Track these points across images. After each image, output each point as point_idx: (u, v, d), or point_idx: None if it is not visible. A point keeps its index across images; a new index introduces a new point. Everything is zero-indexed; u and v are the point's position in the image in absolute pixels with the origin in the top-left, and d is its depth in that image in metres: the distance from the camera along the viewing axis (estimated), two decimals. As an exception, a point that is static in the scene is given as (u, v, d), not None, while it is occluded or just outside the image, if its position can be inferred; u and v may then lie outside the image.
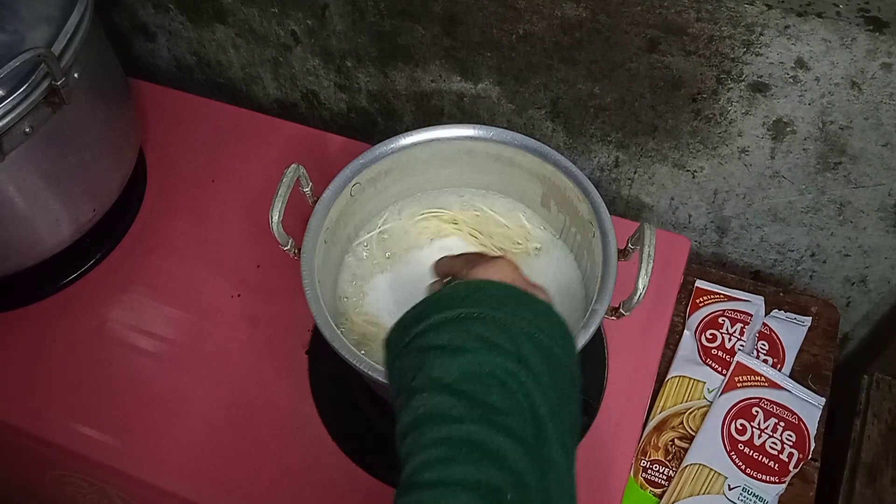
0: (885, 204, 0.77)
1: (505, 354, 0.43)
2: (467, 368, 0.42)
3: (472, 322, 0.44)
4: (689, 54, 0.72)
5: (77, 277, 0.83)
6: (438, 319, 0.45)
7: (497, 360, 0.42)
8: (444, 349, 0.43)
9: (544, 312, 0.47)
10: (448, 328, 0.44)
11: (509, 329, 0.44)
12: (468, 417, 0.40)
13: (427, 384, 0.42)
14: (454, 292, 0.47)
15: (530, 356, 0.43)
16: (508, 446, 0.40)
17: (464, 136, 0.70)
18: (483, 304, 0.45)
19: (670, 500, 0.74)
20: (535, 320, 0.45)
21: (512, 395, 0.41)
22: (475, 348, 0.43)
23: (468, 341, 0.43)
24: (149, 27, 1.03)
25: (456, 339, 0.43)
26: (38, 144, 0.69)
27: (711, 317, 0.85)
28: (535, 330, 0.44)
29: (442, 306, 0.46)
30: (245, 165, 0.90)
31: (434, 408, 0.41)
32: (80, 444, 0.73)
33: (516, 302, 0.46)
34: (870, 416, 0.83)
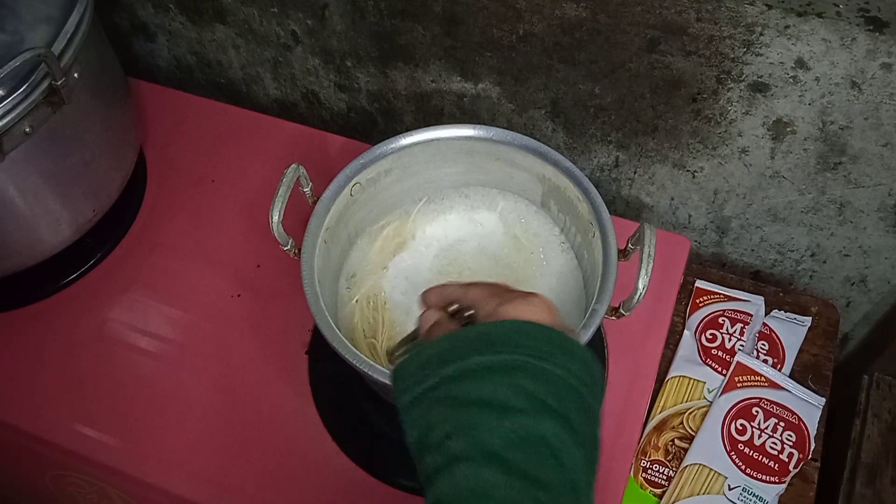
0: (885, 204, 0.78)
1: (553, 417, 0.38)
2: (517, 434, 0.37)
3: (517, 373, 0.39)
4: (689, 54, 0.72)
5: (77, 277, 0.83)
6: (475, 365, 0.40)
7: (546, 425, 0.38)
8: (488, 406, 0.38)
9: (587, 362, 0.42)
10: (490, 378, 0.39)
11: (555, 383, 0.40)
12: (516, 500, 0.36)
13: (472, 451, 0.37)
14: (492, 332, 0.42)
15: (575, 418, 0.39)
16: None
17: (464, 136, 0.70)
18: (526, 349, 0.40)
19: (670, 500, 0.74)
20: (580, 372, 0.41)
21: (561, 467, 0.38)
22: (524, 408, 0.38)
23: (515, 398, 0.38)
24: (149, 27, 1.03)
25: (500, 393, 0.38)
26: (38, 144, 0.69)
27: (711, 317, 0.85)
28: (579, 384, 0.41)
29: (479, 347, 0.41)
30: (245, 165, 0.90)
31: (480, 484, 0.37)
32: (80, 444, 0.73)
33: (561, 349, 0.41)
34: (870, 416, 0.83)
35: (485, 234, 0.74)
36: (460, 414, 0.39)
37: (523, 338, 0.41)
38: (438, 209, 0.75)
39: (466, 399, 0.39)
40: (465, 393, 0.39)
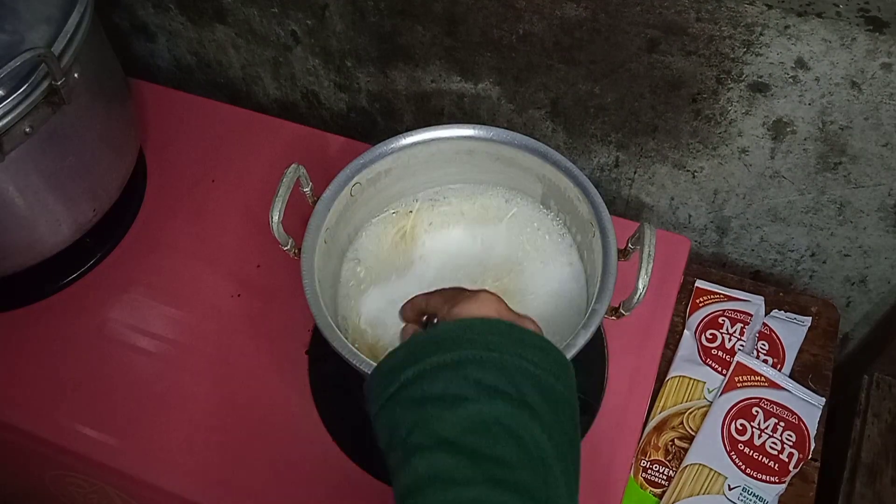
0: (885, 204, 0.78)
1: (507, 399, 0.40)
2: (469, 420, 0.39)
3: (467, 366, 0.41)
4: (689, 54, 0.72)
5: (77, 277, 0.83)
6: (429, 365, 0.42)
7: (499, 407, 0.40)
8: (441, 400, 0.40)
9: (542, 348, 0.44)
10: (442, 375, 0.41)
11: (507, 370, 0.41)
12: (473, 478, 0.38)
13: (426, 440, 0.39)
14: (442, 333, 0.44)
15: (533, 398, 0.41)
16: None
17: (464, 136, 0.70)
18: (475, 344, 0.42)
19: (670, 500, 0.74)
20: (534, 357, 0.43)
21: (519, 443, 0.39)
22: (475, 396, 0.40)
23: (466, 389, 0.40)
24: (149, 27, 1.03)
25: (452, 386, 0.40)
26: (38, 144, 0.69)
27: (711, 317, 0.85)
28: (534, 367, 0.42)
29: (430, 350, 0.43)
30: (245, 165, 0.90)
31: (436, 469, 0.38)
32: (80, 444, 0.73)
33: (510, 339, 0.43)
34: (870, 416, 0.83)
35: (485, 234, 0.74)
36: (417, 411, 0.41)
37: (472, 333, 0.43)
38: (438, 210, 0.75)
39: (422, 397, 0.41)
40: (422, 392, 0.41)
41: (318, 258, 0.65)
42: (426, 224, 0.74)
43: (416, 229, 0.74)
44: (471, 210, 0.75)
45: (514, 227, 0.74)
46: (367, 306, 0.70)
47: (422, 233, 0.74)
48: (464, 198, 0.76)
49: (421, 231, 0.74)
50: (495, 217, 0.75)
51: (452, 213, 0.75)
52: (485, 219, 0.75)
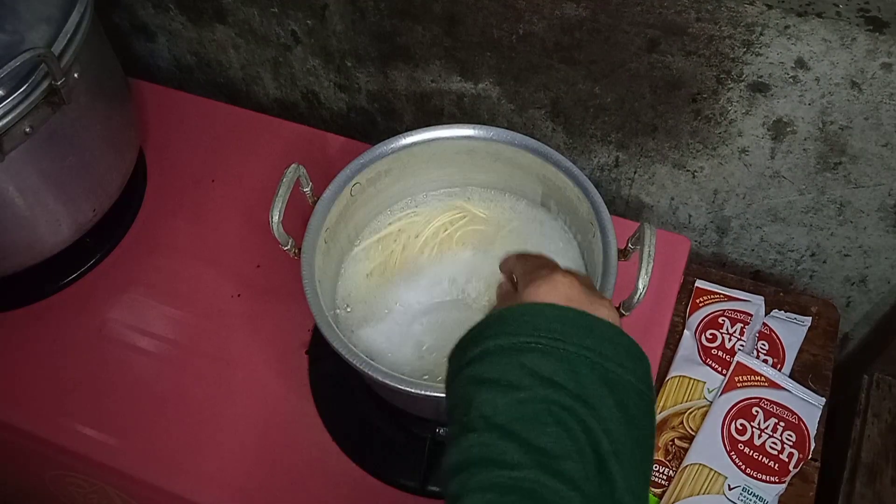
0: (885, 204, 0.77)
1: (561, 390, 0.40)
2: (519, 408, 0.40)
3: (526, 353, 0.41)
4: (689, 54, 0.72)
5: (77, 277, 0.83)
6: (493, 346, 0.42)
7: (551, 397, 0.40)
8: (496, 384, 0.41)
9: (610, 338, 0.43)
10: (502, 359, 0.42)
11: (567, 360, 0.41)
12: (520, 463, 0.38)
13: (478, 423, 0.40)
14: (510, 315, 0.44)
15: (590, 388, 0.40)
16: (562, 493, 0.37)
17: (464, 136, 0.70)
18: (539, 331, 0.42)
19: (670, 500, 0.74)
20: (599, 347, 0.42)
21: (569, 434, 0.39)
22: (528, 385, 0.40)
23: (521, 377, 0.40)
24: (149, 27, 1.03)
25: (508, 373, 0.41)
26: (38, 144, 0.69)
27: (711, 317, 0.85)
28: (599, 357, 0.41)
29: (495, 331, 0.43)
30: (245, 165, 0.90)
31: (484, 450, 0.39)
32: (80, 444, 0.73)
33: (577, 328, 0.43)
34: (870, 416, 0.83)
35: (485, 235, 0.74)
36: (475, 391, 0.41)
37: (538, 320, 0.43)
38: (438, 209, 0.75)
39: (481, 378, 0.42)
40: (481, 373, 0.42)
41: (318, 258, 0.65)
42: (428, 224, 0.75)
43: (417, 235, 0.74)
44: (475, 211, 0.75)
45: (515, 230, 0.74)
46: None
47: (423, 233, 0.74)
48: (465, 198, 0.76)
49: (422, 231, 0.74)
50: (497, 222, 0.75)
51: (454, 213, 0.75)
52: (489, 220, 0.75)
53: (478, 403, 0.41)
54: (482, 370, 0.42)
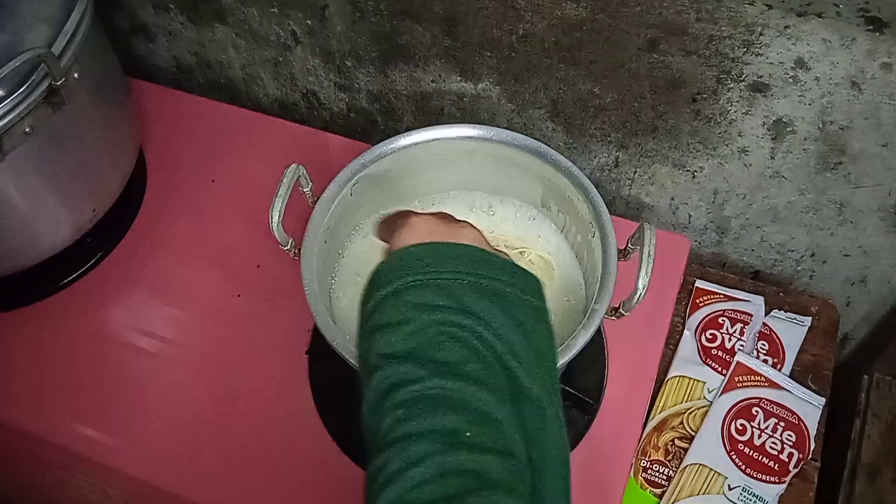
0: (885, 204, 0.77)
1: (445, 311, 0.42)
2: (411, 337, 0.42)
3: (406, 292, 0.44)
4: (689, 54, 0.72)
5: (77, 277, 0.83)
6: (378, 298, 0.45)
7: (438, 318, 0.42)
8: (387, 326, 0.43)
9: (480, 258, 0.46)
10: (387, 305, 0.44)
11: (445, 287, 0.43)
12: (421, 377, 0.41)
13: (378, 361, 0.43)
14: (384, 267, 0.47)
15: (474, 303, 0.43)
16: (466, 389, 0.40)
17: (464, 136, 0.70)
18: (412, 269, 0.45)
19: (670, 500, 0.74)
20: (472, 269, 0.45)
21: (463, 344, 0.42)
22: (414, 317, 0.43)
23: (407, 312, 0.43)
24: (149, 27, 1.03)
25: (395, 313, 0.43)
26: (38, 144, 0.69)
27: (711, 317, 0.85)
28: (475, 277, 0.44)
29: (378, 284, 0.46)
30: (245, 165, 0.90)
31: (387, 380, 0.42)
32: (80, 444, 0.73)
33: (446, 257, 0.45)
34: (870, 416, 0.83)
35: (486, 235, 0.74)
36: (371, 339, 0.44)
37: (409, 260, 0.46)
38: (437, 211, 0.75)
39: (374, 327, 0.44)
40: (374, 323, 0.44)
41: (318, 258, 0.65)
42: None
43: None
44: (475, 211, 0.75)
45: (522, 227, 0.74)
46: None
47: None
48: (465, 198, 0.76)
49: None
50: (501, 219, 0.75)
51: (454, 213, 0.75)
52: (490, 220, 0.75)
53: (375, 347, 0.43)
54: (375, 320, 0.44)
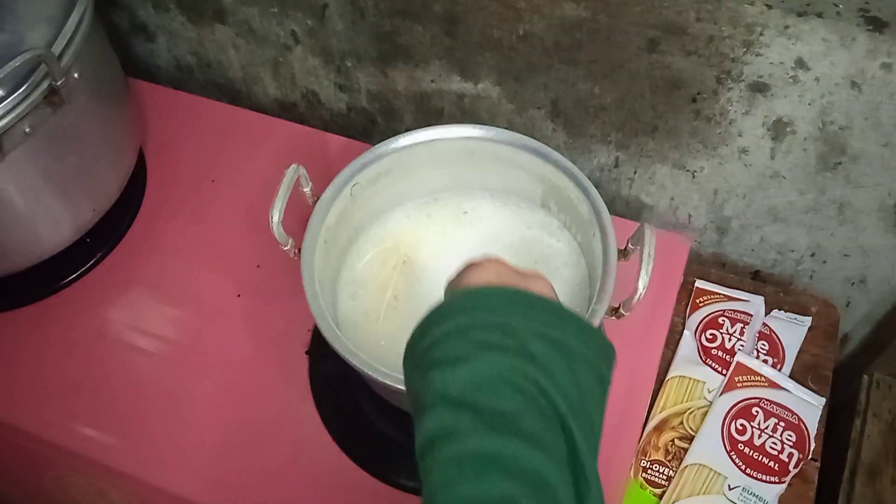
0: (885, 204, 0.77)
1: (507, 353, 0.40)
2: (470, 376, 0.40)
3: (470, 330, 0.42)
4: (689, 54, 0.72)
5: (77, 277, 0.83)
6: (438, 334, 0.43)
7: (500, 360, 0.40)
8: (445, 362, 0.41)
9: (551, 308, 0.44)
10: (448, 341, 0.42)
11: (511, 328, 0.42)
12: (475, 430, 0.38)
13: (432, 401, 0.40)
14: (449, 304, 0.45)
15: (538, 350, 0.41)
16: (522, 451, 0.37)
17: (464, 136, 0.70)
18: (480, 309, 0.43)
19: (670, 500, 0.74)
20: (541, 316, 0.43)
21: (522, 393, 0.39)
22: (476, 354, 0.41)
23: (468, 349, 0.41)
24: (149, 27, 1.03)
25: (456, 349, 0.42)
26: (38, 144, 0.69)
27: (711, 317, 0.85)
28: (542, 325, 0.42)
29: (439, 320, 0.44)
30: (245, 165, 0.90)
31: (440, 426, 0.39)
32: (80, 444, 0.73)
33: (517, 302, 0.44)
34: (870, 416, 0.83)
35: (486, 235, 0.74)
36: (427, 376, 0.42)
37: (477, 300, 0.44)
38: (438, 211, 0.75)
39: (431, 362, 0.42)
40: (431, 358, 0.43)
41: (318, 258, 0.65)
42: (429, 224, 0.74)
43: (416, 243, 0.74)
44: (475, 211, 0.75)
45: (516, 232, 0.74)
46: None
47: (424, 233, 0.74)
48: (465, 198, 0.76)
49: (423, 231, 0.74)
50: (502, 218, 0.75)
51: (454, 213, 0.75)
52: (490, 220, 0.75)
53: (430, 383, 0.41)
54: (431, 356, 0.43)
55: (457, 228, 0.74)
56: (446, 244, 0.74)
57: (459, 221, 0.75)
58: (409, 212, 0.75)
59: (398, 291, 0.71)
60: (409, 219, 0.75)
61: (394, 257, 0.73)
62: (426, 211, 0.75)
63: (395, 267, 0.72)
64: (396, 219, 0.75)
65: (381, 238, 0.74)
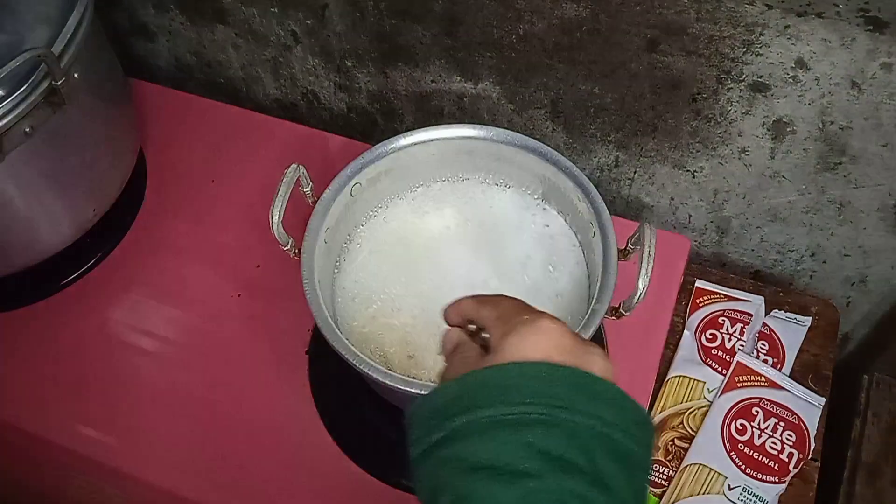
0: (885, 204, 0.78)
1: (577, 476, 0.33)
2: (527, 500, 0.32)
3: (529, 428, 0.34)
4: (689, 54, 0.72)
5: (77, 277, 0.83)
6: (483, 417, 0.35)
7: (569, 486, 0.33)
8: (494, 470, 0.33)
9: (617, 401, 0.37)
10: (498, 435, 0.34)
11: (578, 435, 0.34)
12: None
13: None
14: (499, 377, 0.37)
15: (608, 470, 0.34)
16: None
17: (464, 136, 0.70)
18: (539, 397, 0.35)
19: (670, 500, 0.74)
20: (609, 416, 0.35)
21: None
22: (538, 472, 0.33)
23: (527, 460, 0.33)
24: (149, 27, 1.03)
25: (509, 454, 0.33)
26: (38, 144, 0.69)
27: (711, 317, 0.85)
28: (611, 430, 0.35)
29: (485, 397, 0.36)
30: (245, 165, 0.90)
31: None
32: (81, 444, 0.73)
33: (582, 392, 0.36)
34: (870, 416, 0.83)
35: (486, 236, 0.74)
36: (465, 480, 0.34)
37: (536, 383, 0.36)
38: (438, 211, 0.75)
39: (473, 463, 0.34)
40: (471, 454, 0.35)
41: (318, 258, 0.65)
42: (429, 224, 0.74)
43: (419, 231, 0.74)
44: (475, 211, 0.75)
45: (522, 228, 0.74)
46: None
47: (424, 234, 0.74)
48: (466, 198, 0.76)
49: (423, 232, 0.74)
50: (502, 219, 0.75)
51: (454, 213, 0.75)
52: (490, 220, 0.75)
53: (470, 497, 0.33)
54: (472, 450, 0.34)
55: (457, 229, 0.74)
56: (447, 244, 0.74)
57: (460, 222, 0.75)
58: (409, 212, 0.75)
59: (398, 291, 0.71)
60: (409, 219, 0.75)
61: (394, 257, 0.73)
62: (426, 211, 0.75)
63: (394, 267, 0.72)
64: (396, 219, 0.75)
65: (381, 238, 0.74)
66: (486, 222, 0.75)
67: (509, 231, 0.74)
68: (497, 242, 0.73)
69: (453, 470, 0.35)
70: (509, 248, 0.73)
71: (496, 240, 0.73)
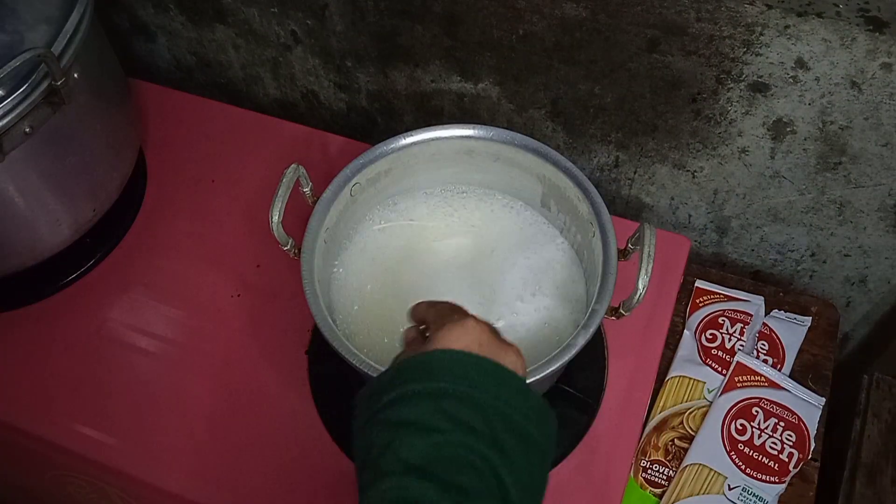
0: (885, 204, 0.78)
1: (479, 437, 0.42)
2: (438, 450, 0.41)
3: (445, 398, 0.43)
4: (689, 54, 0.72)
5: (77, 277, 0.83)
6: (410, 391, 0.44)
7: (469, 441, 0.42)
8: (414, 426, 0.42)
9: (522, 391, 0.46)
10: (420, 403, 0.43)
11: (483, 409, 0.43)
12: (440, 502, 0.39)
13: (395, 465, 0.41)
14: (428, 362, 0.46)
15: (504, 439, 0.43)
16: None
17: (464, 136, 0.70)
18: (458, 378, 0.44)
19: (670, 500, 0.74)
20: (513, 400, 0.44)
21: (482, 478, 0.41)
22: (446, 428, 0.42)
23: (440, 420, 0.42)
24: (149, 27, 1.03)
25: (427, 415, 0.42)
26: (38, 144, 0.69)
27: (711, 317, 0.85)
28: (511, 410, 0.44)
29: (414, 376, 0.45)
30: (245, 165, 0.90)
31: (403, 493, 0.40)
32: (80, 444, 0.73)
33: (493, 378, 0.45)
34: (870, 416, 0.83)
35: (486, 236, 0.74)
36: (391, 433, 0.42)
37: (457, 368, 0.45)
38: (437, 211, 0.75)
39: (398, 421, 0.43)
40: (398, 415, 0.43)
41: (318, 258, 0.65)
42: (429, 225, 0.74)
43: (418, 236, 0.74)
44: (472, 216, 0.75)
45: (516, 230, 0.74)
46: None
47: (423, 234, 0.74)
48: (465, 203, 0.76)
49: (423, 232, 0.74)
50: (498, 221, 0.75)
51: (454, 219, 0.75)
52: (487, 222, 0.75)
53: (395, 446, 0.42)
54: (400, 413, 0.43)
55: (456, 229, 0.74)
56: (446, 244, 0.74)
57: (459, 221, 0.75)
58: (408, 211, 0.75)
59: (398, 291, 0.71)
60: (409, 218, 0.75)
61: (393, 257, 0.73)
62: (426, 211, 0.75)
63: (394, 267, 0.72)
64: (396, 218, 0.75)
65: (381, 238, 0.74)
66: (485, 222, 0.75)
67: (509, 231, 0.74)
68: (496, 242, 0.73)
69: (382, 426, 0.44)
70: (508, 248, 0.73)
71: (496, 240, 0.73)
